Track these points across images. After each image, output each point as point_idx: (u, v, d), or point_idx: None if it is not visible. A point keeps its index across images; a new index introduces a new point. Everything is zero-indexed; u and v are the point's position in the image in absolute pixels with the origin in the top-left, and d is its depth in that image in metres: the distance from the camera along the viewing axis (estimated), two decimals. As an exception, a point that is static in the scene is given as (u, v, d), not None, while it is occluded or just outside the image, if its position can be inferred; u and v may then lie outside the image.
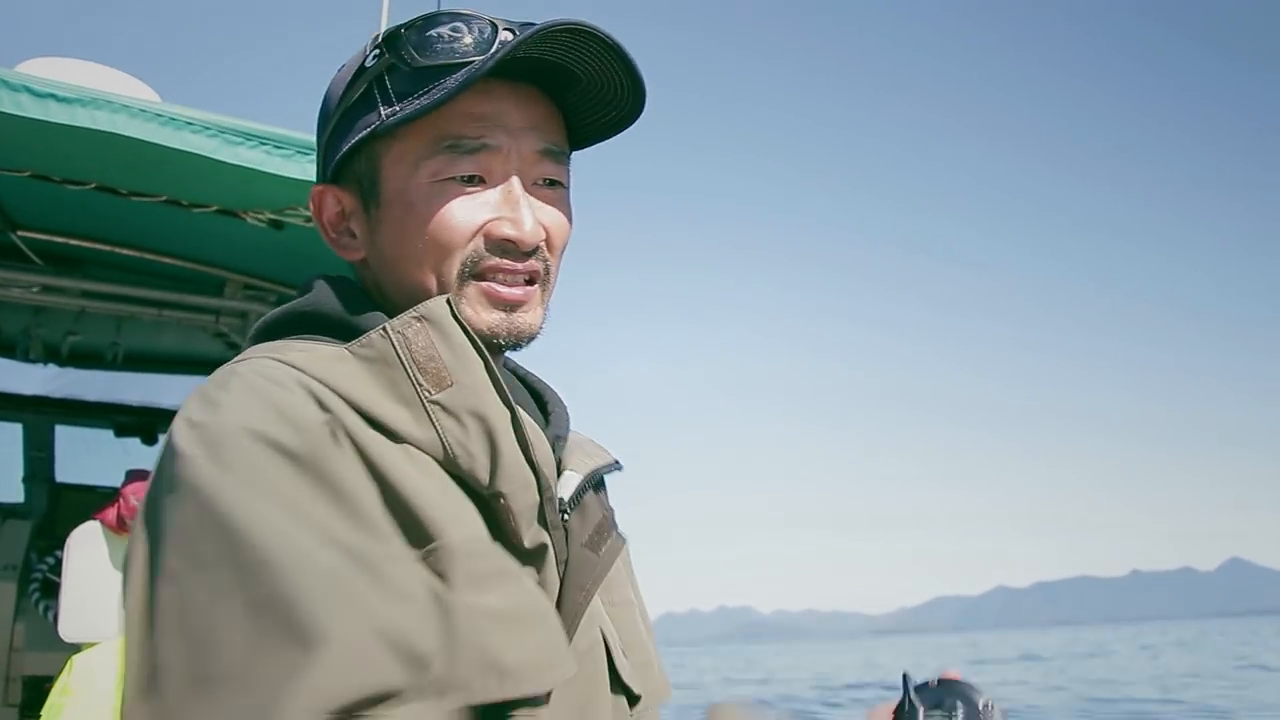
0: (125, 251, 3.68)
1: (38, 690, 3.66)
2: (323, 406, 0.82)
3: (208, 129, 2.46)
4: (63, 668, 2.74)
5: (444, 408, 0.87)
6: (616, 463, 1.09)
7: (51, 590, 3.73)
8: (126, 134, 2.37)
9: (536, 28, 0.88)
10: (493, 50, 0.91)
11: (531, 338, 0.98)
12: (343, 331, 0.94)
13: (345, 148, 0.97)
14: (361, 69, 0.96)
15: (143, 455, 4.82)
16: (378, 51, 0.95)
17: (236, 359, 0.91)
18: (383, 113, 0.93)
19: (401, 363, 0.87)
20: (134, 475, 2.93)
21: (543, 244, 0.96)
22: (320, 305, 0.96)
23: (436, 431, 0.87)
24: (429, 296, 0.94)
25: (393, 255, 0.97)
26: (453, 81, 0.90)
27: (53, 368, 4.64)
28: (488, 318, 0.95)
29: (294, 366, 0.86)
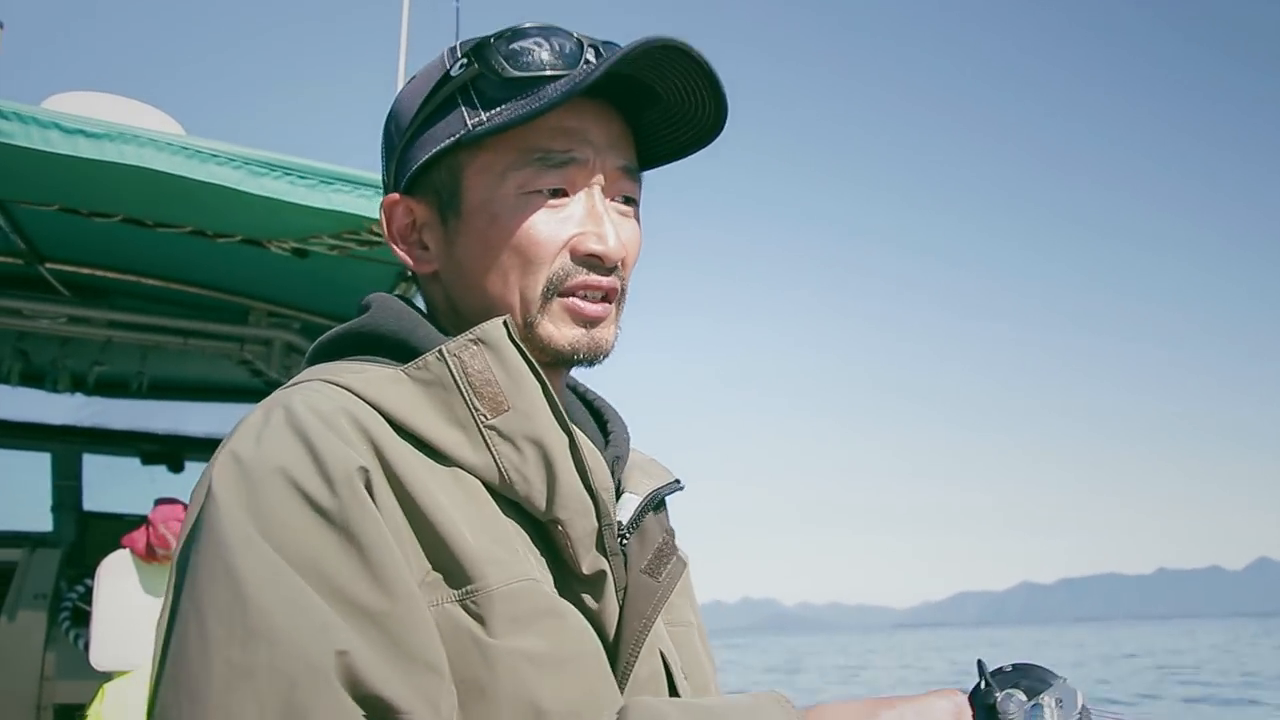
0: (151, 281, 3.73)
1: (69, 718, 3.68)
2: (368, 442, 0.82)
3: (232, 161, 2.50)
4: (94, 696, 2.76)
5: (500, 433, 0.86)
6: (677, 482, 1.06)
7: (82, 618, 3.75)
8: (153, 167, 2.41)
9: (636, 44, 0.88)
10: (582, 64, 0.91)
11: (607, 355, 0.97)
12: (399, 352, 0.93)
13: (425, 157, 0.96)
14: (445, 78, 0.95)
15: (170, 483, 4.85)
16: (464, 61, 0.94)
17: (293, 381, 0.91)
18: (469, 122, 0.92)
19: (457, 386, 0.87)
20: (163, 503, 2.96)
21: (620, 262, 0.96)
22: (378, 326, 0.95)
23: (492, 457, 0.86)
24: (510, 310, 0.93)
25: (473, 267, 0.95)
26: (553, 92, 0.89)
27: (79, 397, 4.68)
28: (570, 334, 0.94)
29: (348, 389, 0.86)
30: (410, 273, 1.04)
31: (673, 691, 0.97)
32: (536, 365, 0.89)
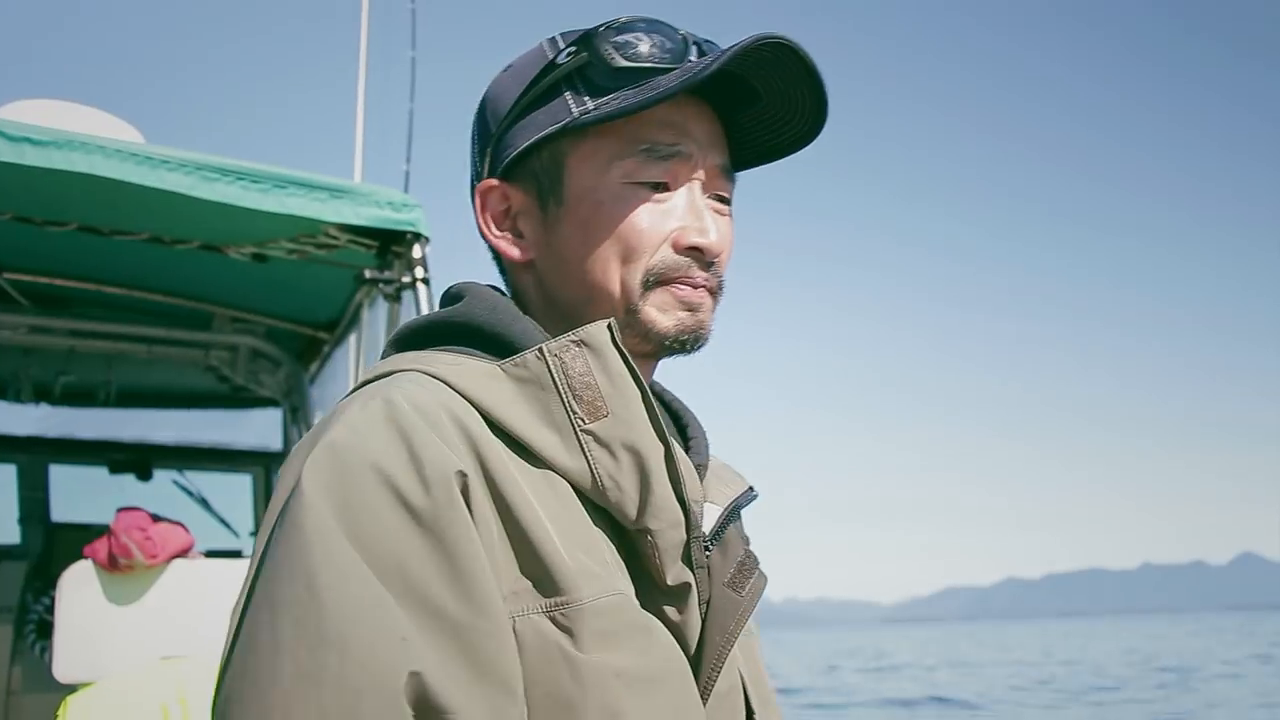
0: (112, 290, 3.70)
1: (37, 733, 3.65)
2: (468, 442, 0.80)
3: (184, 166, 2.49)
4: (58, 709, 2.73)
5: (597, 438, 0.85)
6: (751, 489, 1.03)
7: (48, 631, 3.71)
8: (104, 175, 2.39)
9: (751, 40, 0.87)
10: (687, 60, 0.91)
11: (705, 342, 0.96)
12: (494, 346, 0.91)
13: (527, 143, 0.94)
14: (550, 66, 0.93)
15: (138, 491, 4.82)
16: (572, 49, 0.93)
17: (381, 368, 0.89)
18: (575, 109, 0.91)
19: (556, 388, 0.85)
20: (124, 511, 2.93)
21: (718, 258, 0.95)
22: (473, 317, 0.93)
23: (587, 462, 0.84)
24: (609, 299, 0.93)
25: (573, 256, 0.94)
26: (666, 84, 0.88)
27: (45, 408, 4.64)
28: (673, 319, 0.93)
29: (443, 381, 0.84)
30: (498, 261, 1.02)
31: (747, 705, 0.96)
32: (639, 373, 0.87)
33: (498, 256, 1.01)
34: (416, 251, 2.86)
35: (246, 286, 3.65)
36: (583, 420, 0.85)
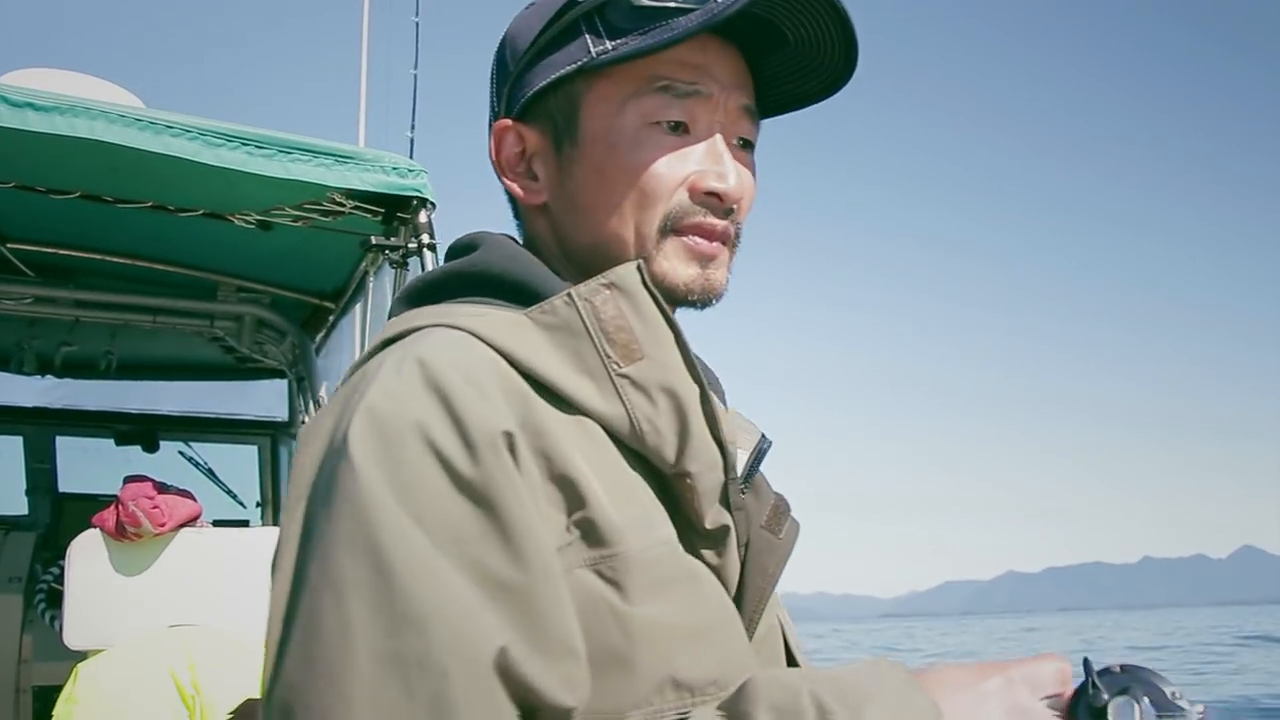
0: (116, 259, 3.68)
1: (48, 701, 3.67)
2: (507, 397, 0.77)
3: (188, 132, 2.46)
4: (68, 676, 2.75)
5: (633, 382, 0.82)
6: (764, 437, 1.00)
7: (57, 600, 3.73)
8: (107, 140, 2.38)
9: None
10: (710, 1, 0.86)
11: (719, 297, 0.93)
12: (515, 294, 0.88)
13: (543, 83, 0.92)
14: (569, 4, 0.91)
15: (144, 462, 4.83)
16: None
17: (403, 326, 0.85)
18: (593, 49, 0.89)
19: (589, 333, 0.82)
20: (131, 480, 2.94)
21: (737, 204, 0.91)
22: (491, 266, 0.90)
23: (624, 407, 0.82)
24: (623, 246, 0.90)
25: (587, 200, 0.92)
26: (687, 23, 0.85)
27: (50, 379, 4.64)
28: (685, 272, 0.90)
29: (472, 333, 0.81)
30: (513, 204, 0.99)
31: (786, 647, 0.95)
32: (670, 314, 0.85)
33: (513, 200, 0.99)
34: (423, 217, 2.84)
35: (251, 255, 3.63)
36: (618, 364, 0.82)
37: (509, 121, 0.96)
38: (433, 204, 2.85)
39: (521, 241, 0.98)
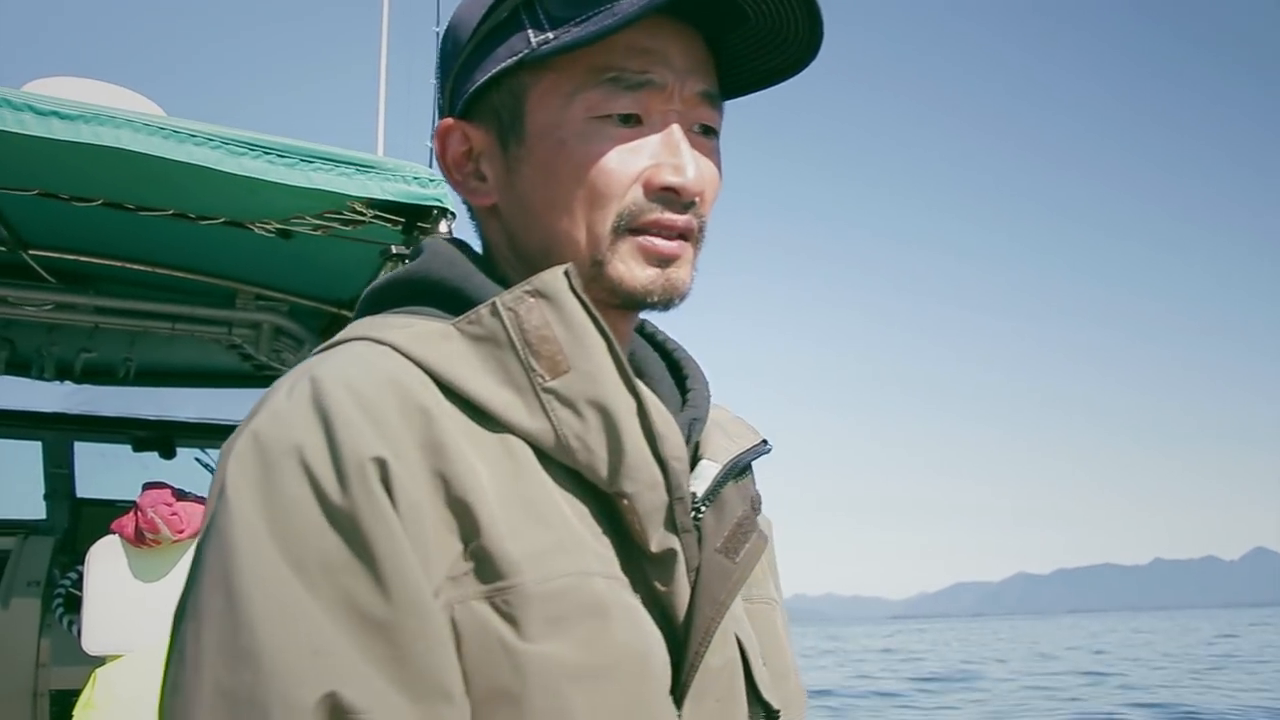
0: (136, 266, 3.70)
1: (65, 705, 3.69)
2: (405, 417, 0.73)
3: (210, 140, 2.48)
4: (86, 681, 2.76)
5: (559, 396, 0.77)
6: (764, 443, 0.94)
7: (75, 605, 3.75)
8: (130, 149, 2.38)
9: None
10: None
11: (683, 298, 0.87)
12: (452, 303, 0.84)
13: (484, 78, 0.87)
14: None
15: (161, 469, 4.85)
16: None
17: (337, 337, 0.83)
18: (533, 39, 0.83)
19: (512, 344, 0.78)
20: (150, 487, 2.95)
21: (698, 197, 0.86)
22: (430, 272, 0.86)
23: (550, 423, 0.77)
24: (576, 248, 0.85)
25: (536, 200, 0.86)
26: (631, 4, 0.79)
27: (69, 385, 4.67)
28: (643, 274, 0.85)
29: (392, 347, 0.78)
30: (468, 207, 0.95)
31: (749, 680, 0.87)
32: (601, 321, 0.80)
33: (467, 202, 0.94)
34: (443, 227, 2.84)
35: (270, 263, 3.65)
36: (543, 378, 0.78)
37: (452, 121, 0.91)
38: (453, 214, 2.86)
39: (480, 247, 0.94)
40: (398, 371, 0.75)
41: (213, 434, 4.96)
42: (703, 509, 0.85)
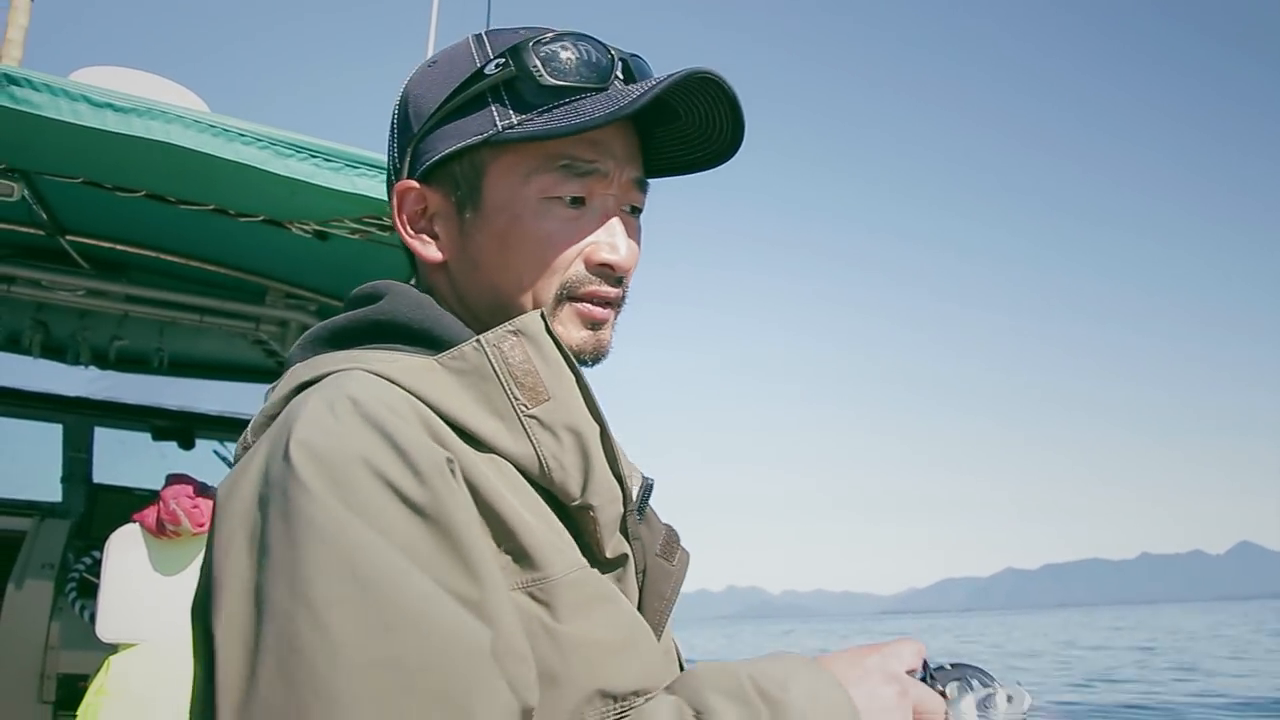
0: (169, 258, 3.74)
1: (72, 688, 3.70)
2: (431, 432, 0.82)
3: (258, 140, 2.50)
4: (97, 667, 2.77)
5: (540, 422, 0.89)
6: (644, 477, 1.07)
7: (89, 590, 3.77)
8: (179, 144, 2.41)
9: (679, 75, 0.91)
10: (613, 78, 0.95)
11: (606, 355, 1.00)
12: (423, 341, 0.93)
13: (449, 149, 0.96)
14: (477, 75, 0.95)
15: (179, 459, 4.87)
16: (501, 61, 0.95)
17: (320, 370, 0.90)
18: (498, 122, 0.94)
19: (498, 376, 0.88)
20: (174, 479, 2.97)
21: (625, 273, 0.99)
22: (398, 314, 0.95)
23: (533, 445, 0.88)
24: (520, 309, 0.95)
25: (487, 263, 0.97)
26: (593, 110, 0.91)
27: (93, 370, 4.70)
28: (578, 335, 0.97)
29: (386, 378, 0.85)
30: (412, 259, 1.04)
31: (681, 668, 1.01)
32: (572, 358, 0.92)
33: (410, 254, 1.03)
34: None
35: (303, 263, 3.67)
36: (525, 406, 0.89)
37: (414, 183, 1.00)
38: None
39: (424, 292, 1.02)
40: (408, 397, 0.84)
41: (232, 427, 4.97)
42: (638, 520, 1.00)
